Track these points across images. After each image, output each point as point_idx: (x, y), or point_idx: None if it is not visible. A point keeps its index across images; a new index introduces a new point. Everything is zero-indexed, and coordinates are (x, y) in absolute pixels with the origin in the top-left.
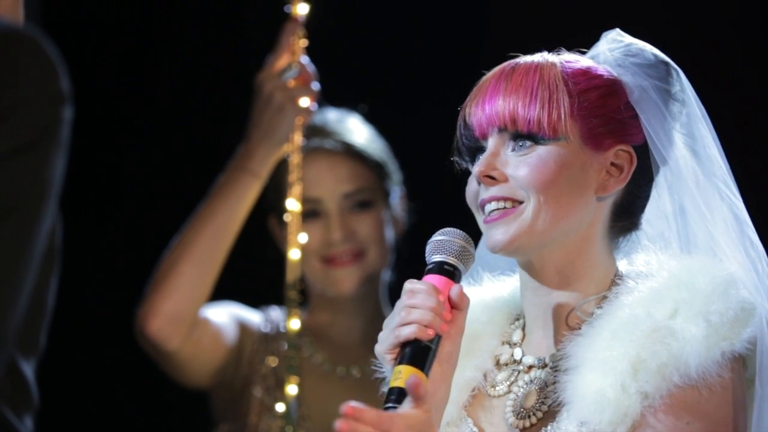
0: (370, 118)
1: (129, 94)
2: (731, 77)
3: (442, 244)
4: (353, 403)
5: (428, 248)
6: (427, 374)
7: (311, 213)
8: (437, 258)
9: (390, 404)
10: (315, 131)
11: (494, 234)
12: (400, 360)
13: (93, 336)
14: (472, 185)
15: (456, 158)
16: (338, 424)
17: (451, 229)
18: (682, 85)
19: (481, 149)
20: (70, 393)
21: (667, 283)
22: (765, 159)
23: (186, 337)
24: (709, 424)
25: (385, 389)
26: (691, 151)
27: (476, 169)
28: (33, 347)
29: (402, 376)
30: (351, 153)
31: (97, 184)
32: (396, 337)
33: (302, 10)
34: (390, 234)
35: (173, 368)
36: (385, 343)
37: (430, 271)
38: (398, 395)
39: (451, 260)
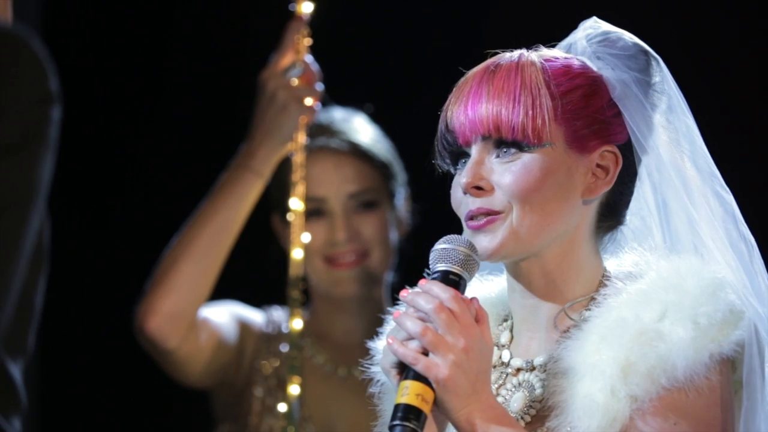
0: (375, 118)
1: (131, 92)
2: (714, 66)
3: (446, 252)
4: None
5: (432, 256)
6: (434, 390)
7: (315, 212)
8: (442, 267)
9: (396, 422)
10: (321, 130)
11: (480, 241)
12: (406, 375)
13: (94, 335)
14: (457, 193)
15: (438, 161)
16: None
17: (455, 236)
18: (663, 74)
19: (463, 153)
20: (70, 392)
21: (655, 284)
22: (752, 150)
23: (185, 335)
24: (696, 425)
25: (374, 389)
26: (674, 144)
27: (463, 180)
28: (21, 348)
29: (409, 392)
30: (357, 153)
31: (99, 181)
32: (404, 354)
33: (307, 8)
34: (394, 235)
35: (172, 367)
36: (391, 357)
37: (435, 281)
38: (404, 412)
39: (456, 269)
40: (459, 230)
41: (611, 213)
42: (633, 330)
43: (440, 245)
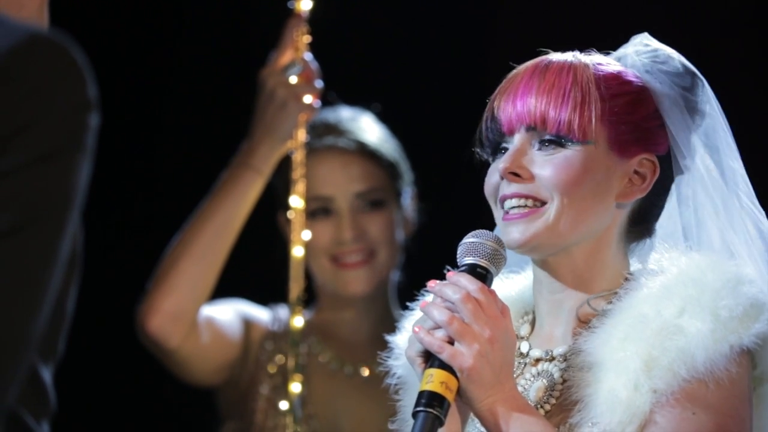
0: (382, 117)
1: (132, 92)
2: (754, 87)
3: (474, 246)
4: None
5: (460, 250)
6: (458, 379)
7: (322, 211)
8: (469, 260)
9: (420, 408)
10: (328, 129)
11: (511, 231)
12: (431, 363)
13: (98, 333)
14: (492, 178)
15: (477, 150)
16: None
17: (483, 231)
18: (708, 96)
19: (504, 143)
20: (75, 390)
21: (676, 279)
22: None
23: (187, 334)
24: (715, 416)
25: (392, 381)
26: (714, 164)
27: (501, 165)
28: (52, 353)
29: (433, 379)
30: (364, 152)
31: (99, 180)
32: (430, 343)
33: (306, 6)
34: (400, 234)
35: (176, 365)
36: (417, 346)
37: (463, 273)
38: (428, 399)
39: (483, 263)
40: (467, 230)
41: (641, 221)
42: (654, 326)
43: (468, 239)
